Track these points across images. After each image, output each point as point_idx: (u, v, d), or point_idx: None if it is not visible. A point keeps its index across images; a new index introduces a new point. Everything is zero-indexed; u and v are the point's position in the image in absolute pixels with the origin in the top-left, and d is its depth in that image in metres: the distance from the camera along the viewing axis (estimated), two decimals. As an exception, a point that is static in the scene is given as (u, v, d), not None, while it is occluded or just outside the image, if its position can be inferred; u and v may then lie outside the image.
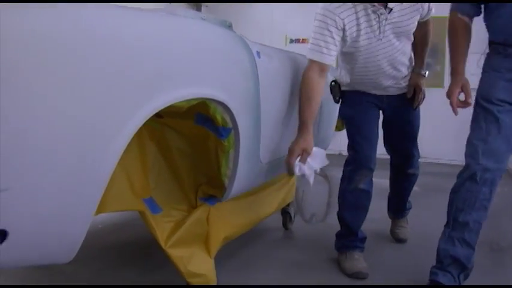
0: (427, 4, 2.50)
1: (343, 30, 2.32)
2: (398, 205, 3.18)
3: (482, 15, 2.26)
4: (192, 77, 1.56)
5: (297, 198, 3.41)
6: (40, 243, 1.20)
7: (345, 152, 2.88)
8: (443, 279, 2.18)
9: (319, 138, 3.10)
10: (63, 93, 1.11)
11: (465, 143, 2.25)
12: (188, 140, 2.13)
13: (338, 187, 2.80)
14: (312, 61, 2.34)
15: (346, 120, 2.77)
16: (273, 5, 7.27)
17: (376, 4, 2.31)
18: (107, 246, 2.85)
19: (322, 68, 2.36)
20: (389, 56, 2.50)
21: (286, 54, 2.59)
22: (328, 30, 2.30)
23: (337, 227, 2.78)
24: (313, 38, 2.35)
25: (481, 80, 2.29)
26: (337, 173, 5.88)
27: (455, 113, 2.27)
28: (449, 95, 2.29)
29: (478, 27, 2.41)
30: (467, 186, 2.17)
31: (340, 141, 5.67)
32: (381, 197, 3.29)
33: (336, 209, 2.77)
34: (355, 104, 2.69)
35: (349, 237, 2.71)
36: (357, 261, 2.61)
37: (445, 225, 2.27)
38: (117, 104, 1.26)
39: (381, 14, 2.34)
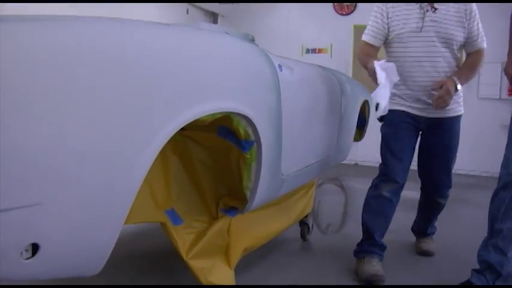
0: (474, 25, 2.63)
1: (387, 17, 2.70)
2: (421, 227, 3.19)
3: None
4: (217, 91, 1.58)
5: (314, 209, 3.42)
6: (70, 256, 1.21)
7: (361, 163, 2.95)
8: (476, 280, 2.28)
9: (338, 149, 3.11)
10: (93, 110, 1.13)
11: (480, 154, 2.30)
12: (210, 152, 2.15)
13: (354, 197, 2.82)
14: (361, 40, 2.85)
15: (382, 138, 2.83)
16: (288, 15, 7.29)
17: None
18: (124, 256, 2.86)
19: (365, 45, 2.81)
20: (430, 54, 2.62)
21: (307, 67, 2.61)
22: (375, 17, 2.75)
23: (353, 237, 2.79)
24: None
25: None
26: (354, 184, 5.92)
27: None
28: (506, 71, 2.32)
29: (498, 37, 2.43)
30: (500, 196, 2.25)
31: (356, 152, 5.71)
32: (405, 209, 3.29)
33: (352, 219, 2.78)
34: (392, 123, 2.74)
35: (368, 241, 2.73)
36: (374, 266, 2.61)
37: (487, 233, 2.35)
38: (144, 121, 1.28)
39: (427, 10, 2.60)
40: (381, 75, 2.43)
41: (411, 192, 3.27)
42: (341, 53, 7.00)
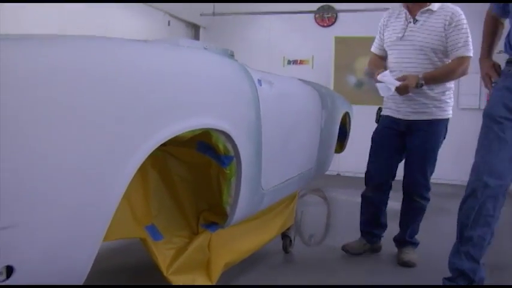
0: (457, 35, 2.84)
1: (383, 29, 3.13)
2: (402, 235, 3.22)
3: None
4: (196, 108, 1.58)
5: (296, 220, 3.42)
6: (47, 277, 1.19)
7: (343, 173, 3.13)
8: None
9: (320, 162, 3.11)
10: (68, 129, 1.12)
11: (461, 163, 2.33)
12: (190, 168, 2.14)
13: (337, 208, 2.88)
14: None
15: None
16: (270, 26, 7.32)
17: (409, 12, 2.94)
18: (103, 272, 2.83)
19: (371, 55, 3.28)
20: (408, 60, 2.93)
21: (287, 80, 2.62)
22: (378, 30, 3.21)
23: (337, 248, 2.80)
24: None
25: (489, 98, 2.36)
26: (337, 195, 5.93)
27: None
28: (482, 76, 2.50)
29: (477, 48, 2.51)
30: (469, 203, 2.25)
31: (338, 163, 5.73)
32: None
33: (335, 230, 2.82)
34: (377, 130, 3.22)
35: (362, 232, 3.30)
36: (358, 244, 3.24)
37: (456, 240, 2.35)
38: (121, 139, 1.27)
39: (409, 22, 2.94)
40: (380, 88, 2.88)
41: (395, 203, 3.29)
42: (322, 65, 7.03)
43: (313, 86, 2.97)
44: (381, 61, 3.17)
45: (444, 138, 3.06)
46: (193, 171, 2.15)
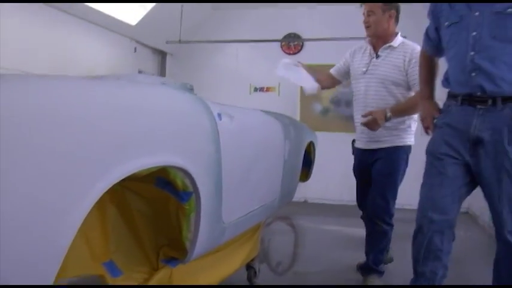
0: (415, 70, 2.93)
1: (350, 57, 3.38)
2: (366, 261, 3.24)
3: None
4: (152, 146, 1.56)
5: (264, 249, 3.41)
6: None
7: (310, 200, 3.29)
8: None
9: (284, 192, 3.11)
10: (15, 169, 1.09)
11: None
12: (149, 203, 2.11)
13: (304, 236, 2.90)
14: None
15: None
16: (237, 54, 7.36)
17: (373, 47, 3.18)
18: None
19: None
20: (370, 92, 3.14)
21: (249, 112, 2.63)
22: (343, 59, 3.47)
23: (303, 277, 2.79)
24: None
25: (432, 136, 2.43)
26: (304, 222, 5.93)
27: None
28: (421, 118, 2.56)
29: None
30: (418, 239, 2.29)
31: (305, 189, 5.76)
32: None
33: (303, 258, 2.83)
34: (354, 162, 3.47)
35: None
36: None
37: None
38: (73, 179, 1.24)
39: (372, 57, 3.16)
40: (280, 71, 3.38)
41: (356, 229, 3.32)
42: (288, 92, 7.08)
43: (276, 117, 2.97)
44: (330, 78, 3.61)
45: (406, 165, 3.17)
46: (153, 206, 2.12)
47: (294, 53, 7.21)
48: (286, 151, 3.00)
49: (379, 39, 3.15)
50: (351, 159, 6.62)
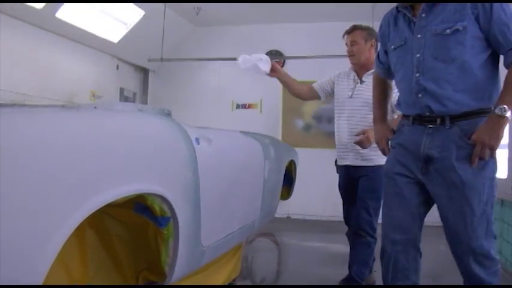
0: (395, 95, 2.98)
1: (333, 83, 3.52)
2: (349, 275, 3.32)
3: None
4: (129, 174, 1.58)
5: (247, 266, 3.42)
6: None
7: (293, 216, 3.24)
8: None
9: (264, 212, 3.13)
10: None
11: None
12: (128, 227, 2.12)
13: (287, 253, 2.89)
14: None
15: None
16: (219, 70, 7.38)
17: (356, 74, 3.38)
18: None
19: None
20: (356, 115, 3.30)
21: (228, 134, 2.65)
22: (327, 78, 3.59)
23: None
24: None
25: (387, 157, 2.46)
26: (287, 239, 5.93)
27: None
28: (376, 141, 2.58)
29: None
30: (384, 259, 2.31)
31: (288, 205, 5.77)
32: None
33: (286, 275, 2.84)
34: (339, 180, 3.56)
35: None
36: None
37: None
38: (50, 210, 1.25)
39: (357, 83, 3.35)
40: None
41: (339, 245, 3.35)
42: (271, 109, 7.13)
43: (255, 137, 3.00)
44: (307, 90, 3.76)
45: None
46: (132, 230, 2.13)
47: (276, 70, 7.26)
48: (266, 171, 3.03)
49: (362, 66, 3.36)
50: (333, 175, 6.65)
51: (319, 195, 6.72)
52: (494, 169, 2.10)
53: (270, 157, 3.11)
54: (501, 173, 3.69)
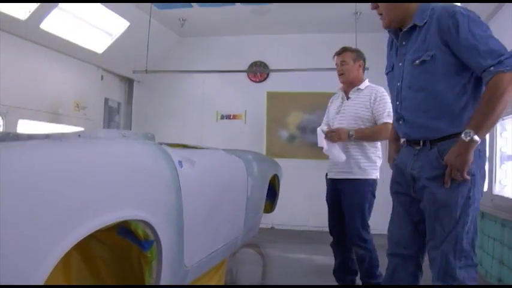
0: (380, 106, 3.41)
1: (329, 105, 3.79)
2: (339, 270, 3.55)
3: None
4: (114, 203, 1.60)
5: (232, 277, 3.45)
6: None
7: (277, 226, 3.33)
8: None
9: (247, 228, 3.17)
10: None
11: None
12: (112, 249, 2.14)
13: (272, 265, 2.92)
14: None
15: None
16: (204, 81, 7.41)
17: (344, 92, 3.59)
18: None
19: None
20: (346, 127, 3.42)
21: (211, 154, 2.68)
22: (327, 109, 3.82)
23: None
24: None
25: None
26: (271, 250, 5.95)
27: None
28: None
29: None
30: (387, 270, 2.40)
31: (272, 216, 5.80)
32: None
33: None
34: (327, 191, 3.68)
35: None
36: None
37: None
38: (36, 240, 1.28)
39: (344, 100, 3.58)
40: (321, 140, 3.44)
41: (323, 257, 3.40)
42: (255, 119, 7.16)
43: (239, 155, 3.04)
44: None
45: (373, 196, 3.46)
46: (116, 252, 2.15)
47: (260, 81, 7.29)
48: (249, 188, 3.07)
49: (350, 85, 3.59)
50: (317, 186, 6.69)
51: (303, 205, 6.79)
52: (470, 189, 2.10)
53: (253, 174, 3.15)
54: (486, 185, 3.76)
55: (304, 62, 6.53)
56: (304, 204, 6.78)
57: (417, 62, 2.16)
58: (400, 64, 2.26)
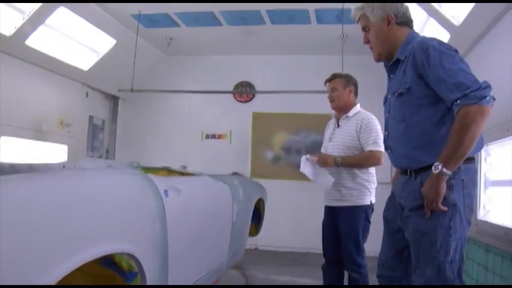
0: (366, 134, 3.47)
1: (325, 132, 3.88)
2: None
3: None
4: (100, 236, 1.58)
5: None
6: None
7: (261, 247, 3.34)
8: None
9: (232, 253, 3.14)
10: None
11: (379, 236, 2.55)
12: (96, 280, 2.10)
13: None
14: None
15: None
16: (190, 100, 7.38)
17: (336, 119, 3.68)
18: None
19: None
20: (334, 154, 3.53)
21: (197, 181, 2.66)
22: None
23: None
24: None
25: None
26: (255, 272, 5.89)
27: None
28: None
29: None
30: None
31: (256, 237, 5.76)
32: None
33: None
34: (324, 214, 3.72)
35: None
36: None
37: None
38: (14, 280, 1.25)
39: (335, 127, 3.67)
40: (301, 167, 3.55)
41: (308, 280, 3.37)
42: (240, 139, 7.14)
43: (225, 180, 3.03)
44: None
45: (368, 221, 3.53)
46: (99, 282, 2.11)
47: (246, 101, 7.28)
48: (234, 213, 3.05)
49: (341, 110, 3.67)
50: (301, 207, 6.74)
51: (287, 226, 6.77)
52: (451, 218, 2.12)
53: (238, 199, 3.13)
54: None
55: (291, 83, 6.57)
56: (289, 226, 6.77)
57: (396, 94, 2.27)
58: (389, 96, 2.37)
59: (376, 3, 2.35)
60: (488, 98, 1.98)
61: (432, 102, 2.15)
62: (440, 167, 2.02)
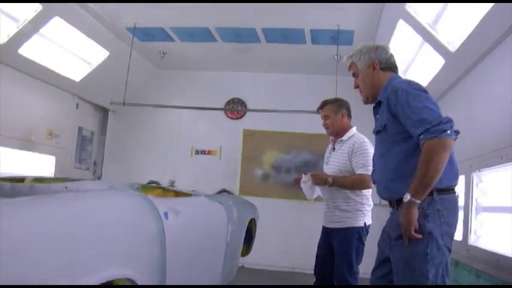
0: (357, 157, 3.51)
1: (325, 155, 3.89)
2: None
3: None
4: (100, 262, 1.55)
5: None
6: None
7: (248, 265, 3.28)
8: None
9: (225, 273, 3.11)
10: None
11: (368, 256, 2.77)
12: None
13: None
14: None
15: None
16: (180, 115, 7.32)
17: (332, 143, 3.74)
18: None
19: None
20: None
21: (195, 203, 2.64)
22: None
23: None
24: None
25: None
26: (241, 292, 5.79)
27: None
28: None
29: None
30: None
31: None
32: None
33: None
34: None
35: None
36: None
37: None
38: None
39: (331, 151, 3.72)
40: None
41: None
42: (230, 156, 7.10)
43: (220, 201, 3.00)
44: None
45: (361, 243, 3.54)
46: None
47: (237, 118, 7.26)
48: (228, 234, 3.03)
49: (336, 135, 3.72)
50: (289, 226, 6.71)
51: (274, 245, 6.71)
52: (427, 245, 2.21)
53: (233, 219, 3.11)
54: (458, 235, 3.79)
55: (283, 101, 6.55)
56: (276, 244, 6.72)
57: (376, 131, 2.49)
58: (374, 134, 2.56)
59: (365, 51, 2.59)
60: (449, 132, 2.14)
61: (405, 138, 2.30)
62: (409, 196, 2.16)
